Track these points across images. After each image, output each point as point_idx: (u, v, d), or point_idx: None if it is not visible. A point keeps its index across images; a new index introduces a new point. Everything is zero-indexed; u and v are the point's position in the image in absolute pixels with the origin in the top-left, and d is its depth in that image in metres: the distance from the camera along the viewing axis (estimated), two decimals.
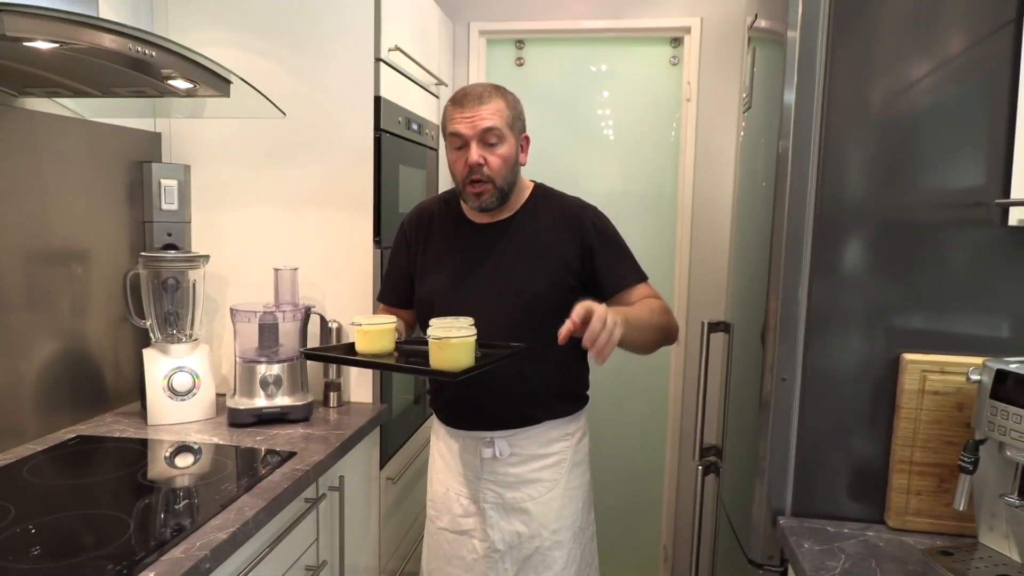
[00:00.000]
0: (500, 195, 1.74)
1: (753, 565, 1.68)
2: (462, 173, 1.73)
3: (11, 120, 1.76)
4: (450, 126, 1.72)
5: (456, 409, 1.87)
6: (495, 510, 1.83)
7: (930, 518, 1.51)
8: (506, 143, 1.72)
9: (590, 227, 1.79)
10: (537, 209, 1.83)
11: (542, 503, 1.82)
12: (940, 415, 1.49)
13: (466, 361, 1.52)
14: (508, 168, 1.73)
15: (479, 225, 1.84)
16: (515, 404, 1.80)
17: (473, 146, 1.69)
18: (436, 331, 1.52)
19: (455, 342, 1.50)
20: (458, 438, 1.87)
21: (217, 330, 2.33)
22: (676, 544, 3.20)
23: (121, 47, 1.37)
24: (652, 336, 1.70)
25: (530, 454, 1.82)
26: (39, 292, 1.86)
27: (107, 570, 1.20)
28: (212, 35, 2.23)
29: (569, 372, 1.87)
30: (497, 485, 1.83)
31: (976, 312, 1.51)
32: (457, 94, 1.74)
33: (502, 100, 1.73)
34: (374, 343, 1.66)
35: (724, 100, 2.97)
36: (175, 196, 2.23)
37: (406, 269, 1.92)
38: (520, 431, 1.81)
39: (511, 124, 1.73)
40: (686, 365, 3.11)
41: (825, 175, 1.54)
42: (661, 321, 1.73)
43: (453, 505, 1.88)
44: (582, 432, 1.91)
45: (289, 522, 1.66)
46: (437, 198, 1.95)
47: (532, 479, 1.82)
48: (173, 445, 1.87)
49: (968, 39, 1.46)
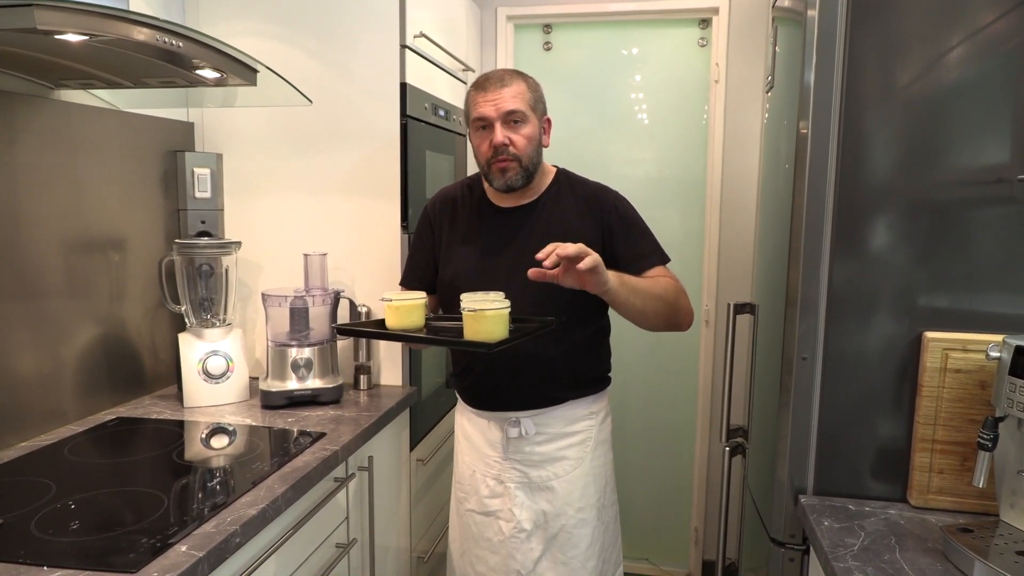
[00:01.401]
0: (526, 174, 1.77)
1: (775, 544, 1.69)
2: (487, 155, 1.75)
3: (48, 112, 1.82)
4: (474, 111, 1.75)
5: (483, 390, 1.89)
6: (521, 489, 1.85)
7: (953, 496, 1.51)
8: (529, 123, 1.75)
9: (611, 209, 1.82)
10: (560, 193, 1.85)
11: (567, 481, 1.84)
12: (962, 393, 1.48)
13: (501, 333, 1.53)
14: (533, 147, 1.76)
15: (503, 209, 1.86)
16: (541, 384, 1.83)
17: (497, 127, 1.72)
18: (470, 303, 1.53)
19: (490, 314, 1.52)
20: (483, 418, 1.90)
21: (250, 315, 2.39)
22: (707, 525, 3.20)
23: (149, 38, 1.41)
24: (652, 306, 1.71)
25: (556, 432, 1.85)
26: (78, 279, 1.92)
27: (141, 543, 1.25)
28: (241, 25, 2.27)
29: (592, 353, 1.89)
30: (523, 464, 1.85)
31: (999, 290, 1.50)
32: (479, 80, 1.78)
33: (523, 83, 1.76)
34: (404, 319, 1.67)
35: (751, 81, 2.95)
36: (208, 184, 2.28)
37: (430, 254, 1.94)
38: (546, 410, 1.84)
39: (533, 106, 1.76)
40: (715, 347, 3.11)
41: (845, 155, 1.54)
42: (668, 297, 1.74)
43: (480, 486, 1.90)
44: (605, 412, 1.94)
45: (319, 500, 1.70)
46: (460, 183, 1.97)
47: (558, 457, 1.85)
48: (208, 426, 1.93)
49: (990, 15, 1.44)
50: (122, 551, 1.23)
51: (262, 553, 1.45)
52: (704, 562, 3.24)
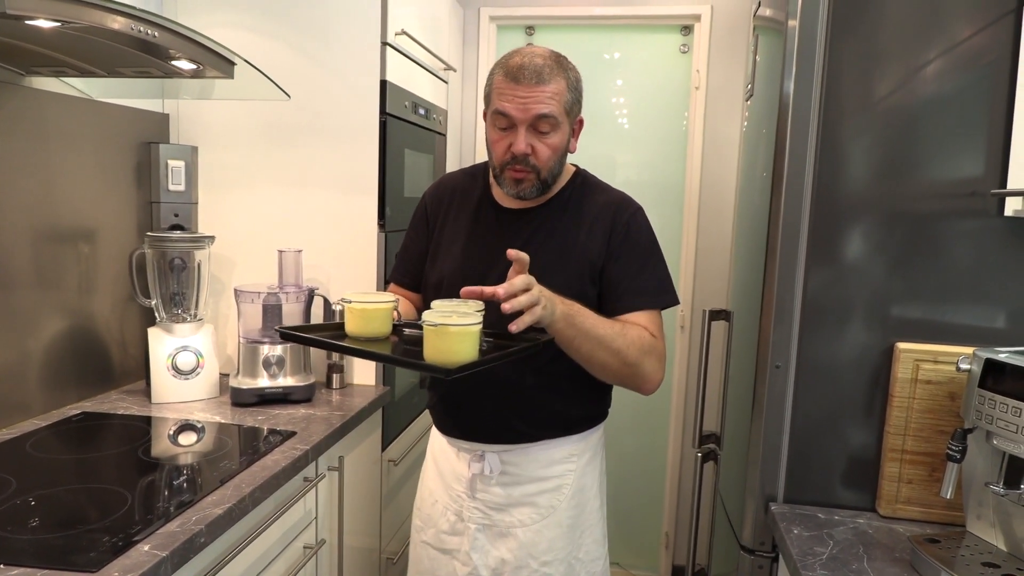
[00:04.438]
0: (542, 186, 1.54)
1: (745, 551, 1.69)
2: (503, 158, 1.51)
3: (19, 99, 1.78)
4: (497, 101, 1.49)
5: (446, 413, 1.69)
6: (482, 532, 1.64)
7: (921, 506, 1.52)
8: (559, 132, 1.50)
9: (622, 227, 1.57)
10: (572, 200, 1.61)
11: (533, 531, 1.61)
12: (932, 404, 1.49)
13: (466, 354, 1.26)
14: (556, 159, 1.53)
15: (506, 210, 1.63)
16: (511, 417, 1.59)
17: (522, 132, 1.48)
18: (433, 316, 1.27)
19: (454, 330, 1.24)
20: (450, 445, 1.70)
21: (222, 310, 2.36)
22: (678, 530, 3.21)
23: (124, 27, 1.38)
24: (600, 358, 1.45)
25: (525, 475, 1.62)
26: (46, 270, 1.89)
27: (103, 542, 1.23)
28: (220, 16, 2.24)
29: (581, 388, 1.60)
30: (486, 505, 1.63)
31: (970, 302, 1.51)
32: (512, 63, 1.48)
33: (563, 80, 1.50)
34: (367, 324, 1.42)
35: (731, 89, 2.97)
36: (182, 177, 2.25)
37: (425, 246, 1.72)
38: (516, 447, 1.61)
39: (568, 109, 1.52)
40: (690, 353, 3.12)
41: (823, 164, 1.55)
42: (628, 355, 1.46)
43: (439, 520, 1.70)
44: (592, 453, 1.68)
45: (287, 500, 1.68)
46: (464, 171, 1.77)
47: (524, 503, 1.62)
48: (176, 423, 1.90)
49: (968, 30, 1.46)
50: (83, 549, 1.20)
51: (228, 553, 1.43)
52: (674, 567, 3.25)
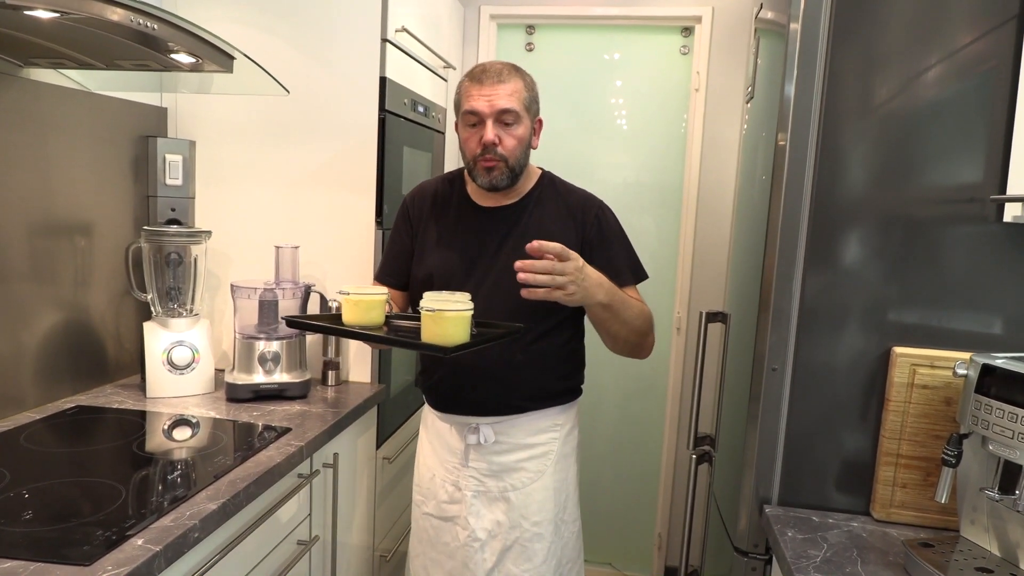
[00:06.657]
0: (511, 175, 1.72)
1: (739, 553, 1.69)
2: (474, 151, 1.70)
3: (16, 90, 1.77)
4: (466, 103, 1.70)
5: (444, 392, 1.85)
6: (477, 498, 1.81)
7: (915, 511, 1.52)
8: (522, 124, 1.71)
9: (593, 220, 1.78)
10: (543, 197, 1.81)
11: (524, 494, 1.81)
12: (928, 409, 1.49)
13: (460, 337, 1.46)
14: (522, 150, 1.72)
15: (483, 209, 1.81)
16: (504, 392, 1.78)
17: (489, 124, 1.67)
18: (430, 303, 1.46)
19: (449, 315, 1.44)
20: (446, 422, 1.86)
21: (218, 306, 2.35)
22: (671, 532, 3.21)
23: (123, 19, 1.38)
24: (625, 332, 1.71)
25: (516, 443, 1.81)
26: (42, 263, 1.88)
27: (96, 535, 1.22)
28: (220, 11, 2.24)
29: (562, 364, 1.84)
30: (481, 473, 1.82)
31: (967, 308, 1.51)
32: (475, 70, 1.72)
33: (520, 81, 1.72)
34: (363, 314, 1.59)
35: (731, 91, 2.96)
36: (179, 172, 2.25)
37: (408, 247, 1.88)
38: (507, 419, 1.80)
39: (528, 106, 1.72)
40: (686, 355, 3.12)
41: (822, 168, 1.54)
42: (642, 327, 1.74)
43: (438, 491, 1.87)
44: (572, 424, 1.89)
45: (281, 496, 1.68)
46: (441, 177, 1.93)
47: (516, 468, 1.81)
48: (171, 418, 1.89)
49: (969, 35, 1.46)
50: (76, 543, 1.20)
51: (221, 548, 1.42)
52: (667, 568, 3.24)
